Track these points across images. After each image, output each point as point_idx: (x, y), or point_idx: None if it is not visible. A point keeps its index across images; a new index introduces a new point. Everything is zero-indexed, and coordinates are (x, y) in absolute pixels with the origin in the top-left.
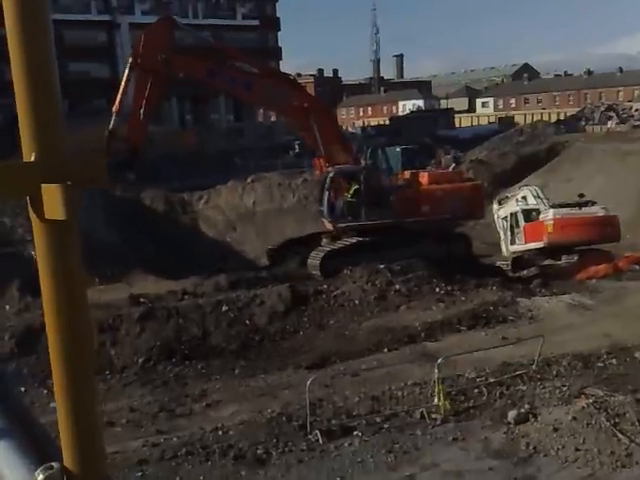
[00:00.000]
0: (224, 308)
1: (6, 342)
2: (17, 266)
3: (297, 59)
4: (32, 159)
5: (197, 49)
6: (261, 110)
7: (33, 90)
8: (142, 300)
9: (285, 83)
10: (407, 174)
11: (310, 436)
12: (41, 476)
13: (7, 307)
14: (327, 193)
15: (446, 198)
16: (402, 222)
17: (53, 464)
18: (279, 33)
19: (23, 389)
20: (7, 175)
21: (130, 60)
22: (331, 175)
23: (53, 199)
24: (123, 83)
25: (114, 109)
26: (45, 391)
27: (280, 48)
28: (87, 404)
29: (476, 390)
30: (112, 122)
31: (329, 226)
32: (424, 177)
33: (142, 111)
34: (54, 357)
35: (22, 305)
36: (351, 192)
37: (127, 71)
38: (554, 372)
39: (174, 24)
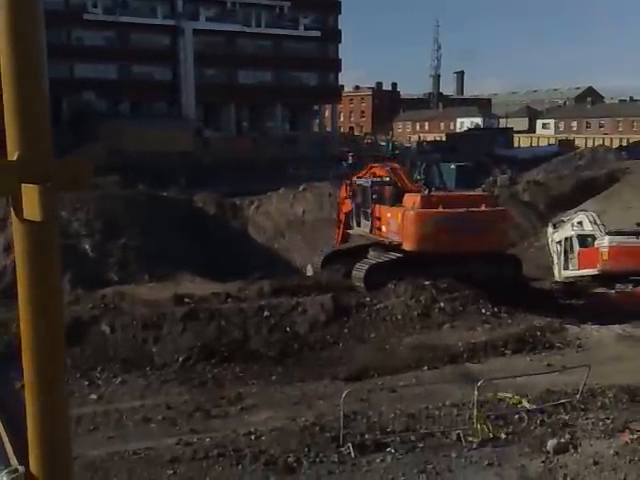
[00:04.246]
0: (266, 314)
1: None
2: (70, 259)
3: (357, 71)
4: (15, 158)
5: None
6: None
7: (21, 89)
8: (186, 300)
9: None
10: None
11: (342, 449)
12: (5, 479)
13: None
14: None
15: (393, 222)
16: (372, 238)
17: (18, 467)
18: (340, 45)
19: (65, 379)
20: None
21: None
22: (343, 186)
23: (31, 199)
24: None
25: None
26: (86, 382)
27: (340, 60)
28: (57, 409)
29: (516, 416)
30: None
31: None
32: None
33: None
34: (26, 358)
35: (72, 297)
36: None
37: None
38: (599, 403)
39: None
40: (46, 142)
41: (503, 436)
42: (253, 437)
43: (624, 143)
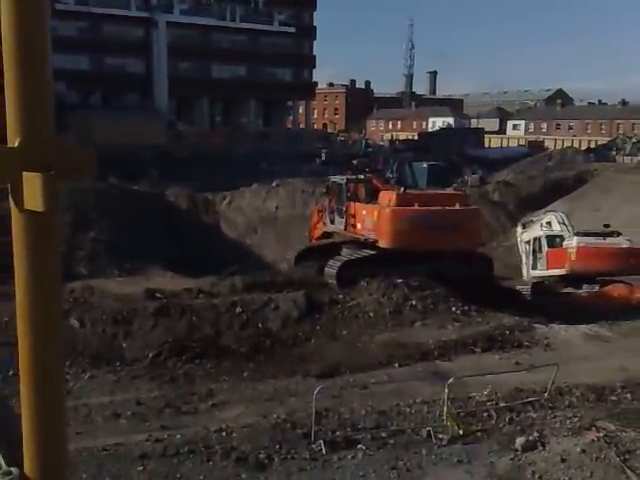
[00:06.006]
0: (238, 310)
1: None
2: None
3: (330, 68)
4: (16, 145)
5: None
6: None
7: (23, 74)
8: (158, 295)
9: None
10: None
11: (314, 445)
12: None
13: None
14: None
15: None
16: (346, 235)
17: (12, 469)
18: (314, 41)
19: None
20: None
21: None
22: (326, 184)
23: (33, 188)
24: None
25: None
26: None
27: (314, 56)
28: (54, 404)
29: (485, 413)
30: None
31: None
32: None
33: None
34: (22, 352)
35: None
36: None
37: None
38: (566, 402)
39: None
40: (49, 128)
41: (473, 433)
42: (224, 433)
43: (592, 145)
